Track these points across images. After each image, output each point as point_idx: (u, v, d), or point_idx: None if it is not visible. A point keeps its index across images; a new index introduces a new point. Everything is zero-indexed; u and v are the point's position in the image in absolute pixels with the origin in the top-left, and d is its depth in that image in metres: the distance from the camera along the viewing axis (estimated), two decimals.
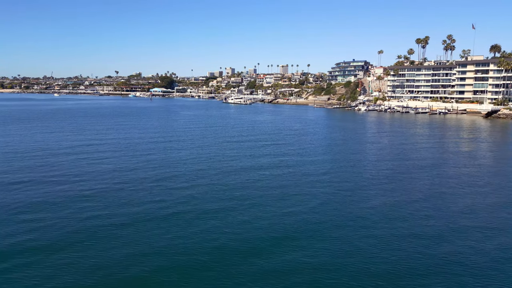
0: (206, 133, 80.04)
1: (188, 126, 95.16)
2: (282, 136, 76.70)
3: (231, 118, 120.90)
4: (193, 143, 65.60)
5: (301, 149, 60.83)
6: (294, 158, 52.51)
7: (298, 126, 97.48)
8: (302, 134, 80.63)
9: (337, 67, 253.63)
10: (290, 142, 69.03)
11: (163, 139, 69.94)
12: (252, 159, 51.77)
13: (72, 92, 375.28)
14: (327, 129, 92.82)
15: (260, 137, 74.61)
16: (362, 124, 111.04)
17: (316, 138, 74.90)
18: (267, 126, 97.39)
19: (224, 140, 70.11)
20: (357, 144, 68.59)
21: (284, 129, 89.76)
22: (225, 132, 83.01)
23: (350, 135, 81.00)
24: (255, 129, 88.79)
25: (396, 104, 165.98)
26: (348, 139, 74.53)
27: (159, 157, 51.98)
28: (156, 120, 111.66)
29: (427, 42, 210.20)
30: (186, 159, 51.07)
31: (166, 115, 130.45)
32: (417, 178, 41.75)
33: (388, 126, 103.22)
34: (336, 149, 61.99)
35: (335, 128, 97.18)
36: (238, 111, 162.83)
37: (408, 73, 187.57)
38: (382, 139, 75.50)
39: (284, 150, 59.57)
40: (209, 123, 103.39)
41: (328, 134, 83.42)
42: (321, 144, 67.10)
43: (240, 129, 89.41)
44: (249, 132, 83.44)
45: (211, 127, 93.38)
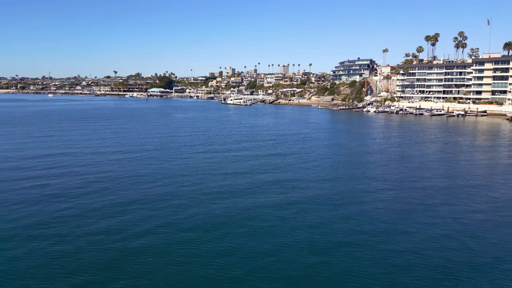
0: (195, 142, 65.12)
1: (177, 132, 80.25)
2: (289, 148, 61.76)
3: (228, 122, 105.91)
4: (176, 155, 50.77)
5: (315, 166, 45.95)
6: (304, 179, 37.71)
7: (305, 132, 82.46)
8: (313, 145, 65.71)
9: (341, 66, 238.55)
10: (301, 157, 54.09)
11: (139, 149, 55.13)
12: (255, 189, 36.88)
13: (69, 93, 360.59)
14: (338, 137, 77.81)
15: (261, 149, 59.63)
16: (376, 129, 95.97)
17: (330, 153, 59.93)
18: (269, 132, 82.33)
19: (216, 153, 55.17)
20: (379, 156, 53.66)
21: (290, 137, 74.73)
22: (219, 141, 67.99)
23: (367, 144, 66.04)
24: (255, 137, 73.73)
25: (407, 105, 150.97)
26: (366, 151, 59.55)
27: (124, 174, 37.45)
28: (142, 124, 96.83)
29: (437, 40, 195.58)
30: (158, 179, 36.50)
31: (157, 118, 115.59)
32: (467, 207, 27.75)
33: (406, 132, 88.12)
34: (357, 164, 47.05)
35: (347, 134, 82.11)
36: (237, 113, 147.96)
37: (418, 72, 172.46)
38: (405, 149, 60.63)
39: (293, 168, 44.73)
40: (202, 128, 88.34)
41: (342, 143, 68.39)
42: (337, 160, 52.12)
43: (238, 136, 74.35)
44: (247, 141, 68.29)
45: (204, 133, 78.34)
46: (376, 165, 47.66)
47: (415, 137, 77.35)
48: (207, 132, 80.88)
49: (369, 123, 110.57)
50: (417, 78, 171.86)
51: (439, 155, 56.69)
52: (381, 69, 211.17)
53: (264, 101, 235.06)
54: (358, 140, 71.52)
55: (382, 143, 68.29)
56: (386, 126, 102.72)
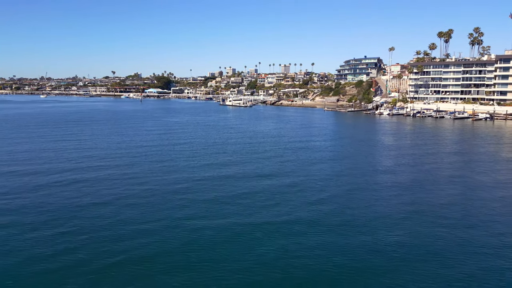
0: (173, 160, 48.22)
1: (155, 143, 63.22)
2: (303, 170, 44.76)
3: (223, 129, 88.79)
4: (134, 185, 33.97)
5: (344, 202, 29.17)
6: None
7: (318, 144, 65.45)
8: (335, 166, 48.69)
9: (347, 65, 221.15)
10: (323, 188, 37.07)
11: (90, 171, 38.35)
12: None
13: (64, 93, 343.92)
14: (360, 150, 60.70)
15: (262, 178, 42.70)
16: (399, 136, 78.70)
17: (359, 179, 42.99)
18: (273, 145, 65.12)
19: (197, 181, 38.25)
20: (426, 180, 36.70)
21: (300, 151, 57.70)
22: (205, 160, 50.90)
23: (405, 164, 49.04)
24: (255, 152, 56.50)
25: (423, 107, 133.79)
26: (409, 175, 42.52)
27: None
28: (121, 130, 79.99)
29: (450, 36, 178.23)
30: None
31: (141, 122, 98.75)
32: None
33: (439, 141, 71.03)
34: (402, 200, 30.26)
35: (370, 147, 64.88)
36: (236, 116, 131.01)
37: (433, 70, 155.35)
38: (458, 170, 43.65)
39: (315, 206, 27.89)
40: (188, 138, 71.08)
41: (370, 161, 51.42)
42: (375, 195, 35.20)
43: (232, 151, 57.21)
44: (246, 160, 51.18)
45: (189, 146, 61.24)
46: (430, 199, 30.71)
47: (453, 148, 60.40)
48: (192, 144, 63.85)
49: (387, 128, 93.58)
50: (431, 77, 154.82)
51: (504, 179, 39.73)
52: (390, 68, 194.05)
53: (265, 102, 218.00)
54: (387, 156, 54.55)
55: (420, 157, 51.36)
56: (409, 133, 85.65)
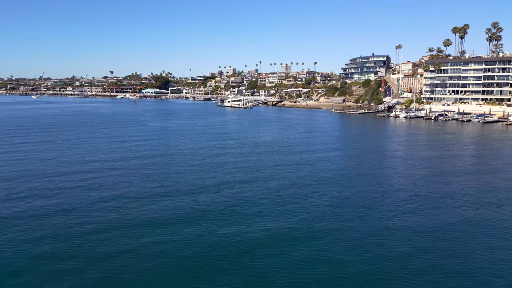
0: (128, 197, 32.56)
1: (115, 163, 47.44)
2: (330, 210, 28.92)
3: (216, 139, 72.39)
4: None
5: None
6: None
7: (335, 161, 49.63)
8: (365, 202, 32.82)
9: (353, 63, 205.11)
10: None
11: None
12: None
13: (59, 94, 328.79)
14: (394, 171, 44.86)
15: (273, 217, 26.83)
16: (437, 150, 62.91)
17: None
18: (278, 163, 49.31)
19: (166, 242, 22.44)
20: None
21: (316, 176, 41.80)
22: (182, 195, 35.11)
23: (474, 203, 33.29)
24: (256, 180, 40.82)
25: (443, 109, 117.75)
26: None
27: None
28: (84, 139, 63.99)
29: (466, 32, 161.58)
30: None
31: (119, 128, 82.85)
32: None
33: (487, 155, 55.16)
34: None
35: (408, 167, 48.98)
36: (233, 119, 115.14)
37: (452, 68, 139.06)
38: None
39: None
40: (167, 153, 55.11)
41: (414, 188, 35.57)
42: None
43: (224, 177, 41.52)
44: (244, 195, 35.37)
45: (164, 169, 45.40)
46: None
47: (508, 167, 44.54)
48: (169, 164, 47.93)
49: (411, 136, 77.58)
50: (449, 76, 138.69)
51: None
52: (400, 66, 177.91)
53: (267, 103, 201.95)
54: (434, 182, 38.70)
55: (472, 181, 35.61)
56: (441, 142, 69.61)
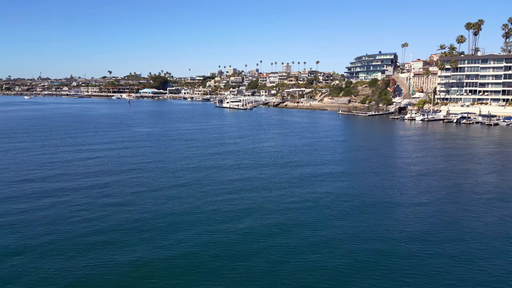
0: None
1: (63, 183, 35.45)
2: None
3: (208, 149, 60.27)
4: None
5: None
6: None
7: (362, 183, 37.37)
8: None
9: (358, 62, 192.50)
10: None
11: None
12: None
13: (54, 94, 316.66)
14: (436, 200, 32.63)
15: None
16: (482, 162, 50.71)
17: None
18: (284, 188, 36.98)
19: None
20: None
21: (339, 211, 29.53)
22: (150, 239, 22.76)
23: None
24: (258, 210, 28.52)
25: (463, 110, 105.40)
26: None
27: None
28: (39, 150, 51.94)
29: (480, 28, 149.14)
30: None
31: (96, 134, 70.60)
32: None
33: None
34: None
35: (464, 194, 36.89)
36: (231, 123, 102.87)
37: (469, 66, 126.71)
38: None
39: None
40: (138, 169, 42.85)
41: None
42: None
43: (213, 206, 29.25)
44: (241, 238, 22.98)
45: (118, 200, 33.21)
46: None
47: None
48: (141, 189, 35.62)
49: (441, 143, 65.28)
50: (466, 75, 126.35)
51: None
52: (410, 65, 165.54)
53: (268, 104, 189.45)
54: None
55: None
56: (482, 152, 57.40)
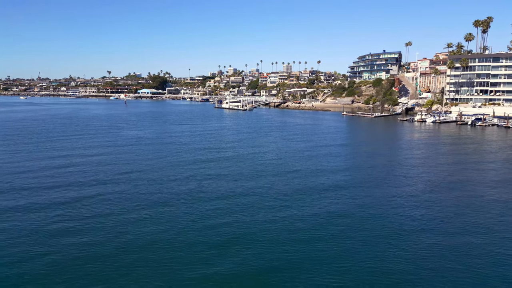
0: None
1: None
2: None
3: (201, 157, 53.46)
4: None
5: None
6: None
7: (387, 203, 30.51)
8: None
9: (361, 61, 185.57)
10: None
11: None
12: None
13: (52, 95, 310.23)
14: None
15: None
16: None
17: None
18: (290, 210, 30.04)
19: None
20: None
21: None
22: None
23: None
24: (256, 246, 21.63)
25: (475, 112, 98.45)
26: None
27: None
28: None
29: (489, 25, 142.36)
30: None
31: (80, 138, 63.82)
32: None
33: None
34: None
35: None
36: (230, 125, 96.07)
37: (480, 65, 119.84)
38: None
39: None
40: (114, 182, 36.00)
41: None
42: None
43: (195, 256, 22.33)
44: None
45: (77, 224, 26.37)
46: None
47: None
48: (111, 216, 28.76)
49: (461, 149, 58.43)
50: (477, 74, 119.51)
51: None
52: (416, 64, 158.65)
53: (268, 104, 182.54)
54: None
55: None
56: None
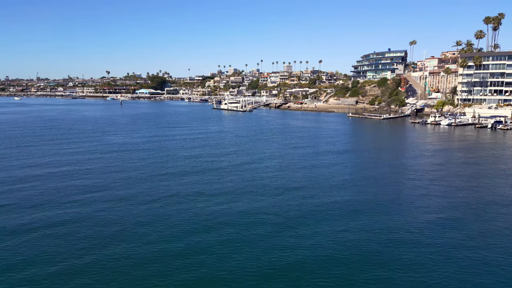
0: None
1: None
2: None
3: (188, 170, 45.84)
4: None
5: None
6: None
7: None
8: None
9: (365, 60, 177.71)
10: None
11: None
12: None
13: (49, 95, 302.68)
14: None
15: None
16: None
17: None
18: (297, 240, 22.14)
19: None
20: None
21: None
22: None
23: None
24: None
25: (492, 114, 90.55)
26: None
27: None
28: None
29: (500, 23, 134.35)
30: None
31: (52, 147, 56.04)
32: None
33: None
34: None
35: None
36: (227, 129, 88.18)
37: (494, 63, 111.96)
38: None
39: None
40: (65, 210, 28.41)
41: None
42: None
43: None
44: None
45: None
46: None
47: None
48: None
49: (502, 161, 50.62)
50: (490, 73, 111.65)
51: None
52: (423, 63, 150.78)
53: (269, 105, 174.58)
54: None
55: None
56: None
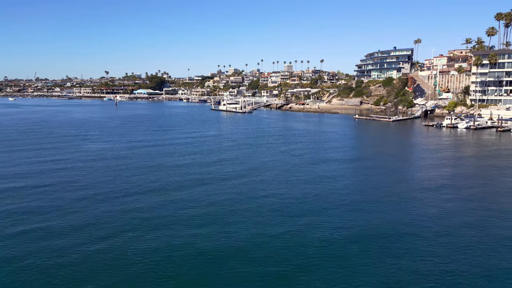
0: None
1: None
2: None
3: (173, 182, 38.13)
4: None
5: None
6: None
7: None
8: None
9: (370, 59, 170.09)
10: None
11: None
12: None
13: (46, 95, 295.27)
14: None
15: None
16: None
17: None
18: None
19: None
20: None
21: None
22: None
23: None
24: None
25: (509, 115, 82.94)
26: None
27: None
28: None
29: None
30: None
31: (20, 156, 48.49)
32: None
33: None
34: None
35: None
36: (224, 133, 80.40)
37: (509, 61, 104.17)
38: None
39: None
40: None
41: None
42: None
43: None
44: None
45: None
46: None
47: None
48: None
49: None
50: (506, 72, 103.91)
51: None
52: (430, 61, 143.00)
53: (270, 106, 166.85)
54: None
55: None
56: None
